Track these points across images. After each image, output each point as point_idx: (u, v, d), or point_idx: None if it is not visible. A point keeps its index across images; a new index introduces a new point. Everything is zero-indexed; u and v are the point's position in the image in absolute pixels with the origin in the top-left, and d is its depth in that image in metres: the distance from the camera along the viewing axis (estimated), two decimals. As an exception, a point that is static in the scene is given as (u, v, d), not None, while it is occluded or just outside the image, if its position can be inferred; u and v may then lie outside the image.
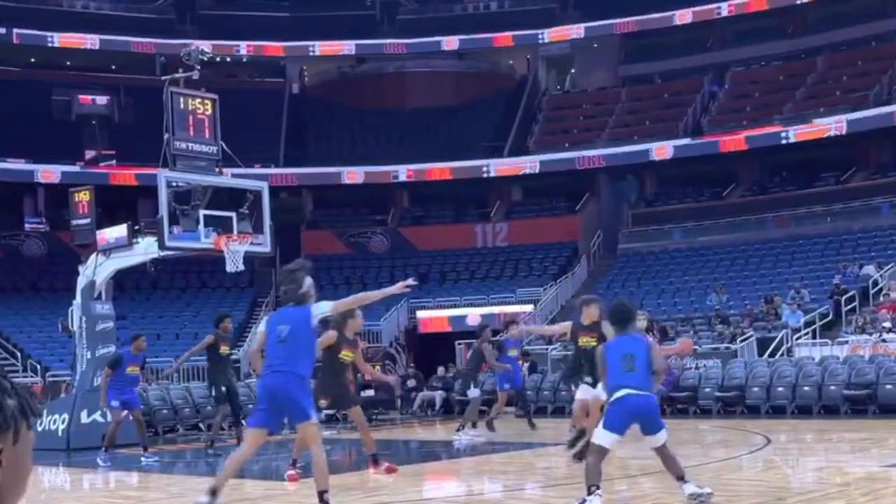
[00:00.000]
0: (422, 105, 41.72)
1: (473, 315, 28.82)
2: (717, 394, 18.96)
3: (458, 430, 16.04)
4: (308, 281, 7.79)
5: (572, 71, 43.43)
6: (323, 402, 10.54)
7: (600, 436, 7.73)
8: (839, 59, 37.21)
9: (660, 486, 9.27)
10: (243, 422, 16.77)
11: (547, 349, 25.56)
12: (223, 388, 14.63)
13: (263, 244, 16.93)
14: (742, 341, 22.70)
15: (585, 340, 10.95)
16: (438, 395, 22.87)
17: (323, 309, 7.79)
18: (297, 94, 43.53)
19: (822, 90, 35.96)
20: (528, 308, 29.83)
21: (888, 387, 17.33)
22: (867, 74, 35.10)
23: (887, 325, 21.55)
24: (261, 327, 8.00)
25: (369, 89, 42.26)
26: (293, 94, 43.00)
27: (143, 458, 13.75)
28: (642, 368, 7.65)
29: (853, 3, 37.69)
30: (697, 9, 37.87)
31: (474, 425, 16.31)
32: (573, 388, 11.76)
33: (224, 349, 14.86)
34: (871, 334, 21.41)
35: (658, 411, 7.95)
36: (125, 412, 14.15)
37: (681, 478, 7.84)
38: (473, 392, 16.58)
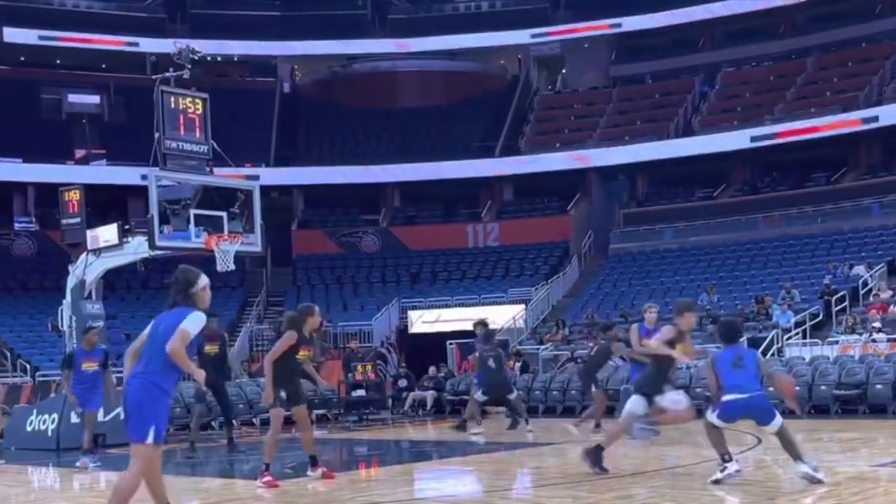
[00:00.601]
0: (413, 105, 41.76)
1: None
2: (708, 394, 18.94)
3: (525, 426, 16.33)
4: (202, 280, 6.95)
5: (563, 71, 43.49)
6: (283, 394, 10.47)
7: (713, 417, 9.01)
8: (830, 59, 37.32)
9: (651, 487, 9.28)
10: (234, 422, 16.83)
11: (538, 349, 25.55)
12: (204, 388, 14.54)
13: (254, 244, 16.90)
14: (732, 341, 22.68)
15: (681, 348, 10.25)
16: (430, 395, 22.85)
17: (201, 322, 6.80)
18: (289, 93, 43.55)
19: (813, 91, 36.06)
20: (520, 308, 29.82)
21: (878, 386, 17.38)
22: (858, 75, 35.21)
23: (877, 325, 21.60)
24: (147, 328, 7.02)
25: (360, 89, 42.25)
26: (284, 94, 43.00)
27: (78, 461, 13.41)
28: (750, 369, 8.98)
29: (844, 3, 37.82)
30: (688, 9, 37.97)
31: (526, 421, 16.56)
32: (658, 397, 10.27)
33: (210, 349, 14.81)
34: (860, 334, 21.46)
35: (765, 406, 9.02)
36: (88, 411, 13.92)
37: (798, 458, 8.73)
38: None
